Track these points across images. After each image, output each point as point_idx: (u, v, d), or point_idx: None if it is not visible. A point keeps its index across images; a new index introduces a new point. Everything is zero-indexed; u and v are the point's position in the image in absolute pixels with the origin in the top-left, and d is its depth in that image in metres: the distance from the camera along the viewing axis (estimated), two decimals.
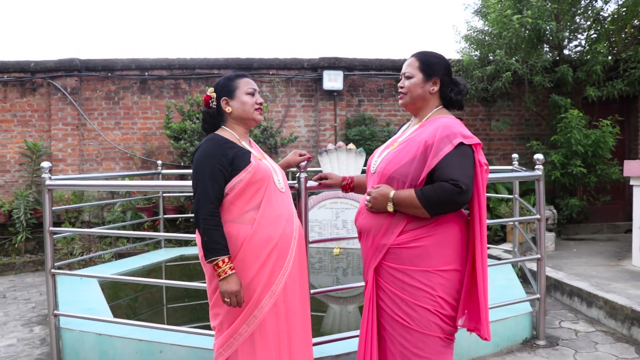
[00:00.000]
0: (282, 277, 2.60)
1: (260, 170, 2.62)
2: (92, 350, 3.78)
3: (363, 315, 2.68)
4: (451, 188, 2.38)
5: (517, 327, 4.11)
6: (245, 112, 2.71)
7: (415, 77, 2.63)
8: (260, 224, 2.56)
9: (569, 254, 6.99)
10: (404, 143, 2.60)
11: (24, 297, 6.26)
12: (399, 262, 2.51)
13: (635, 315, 4.09)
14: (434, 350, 2.55)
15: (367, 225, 2.63)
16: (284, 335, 2.60)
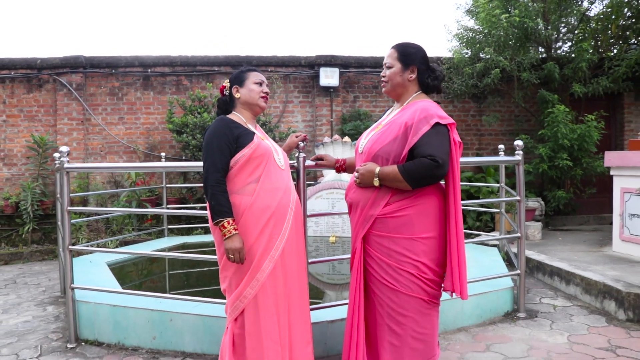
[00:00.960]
0: (279, 243, 2.92)
1: (261, 148, 2.95)
2: (106, 320, 4.09)
3: (351, 280, 2.99)
4: (429, 163, 2.70)
5: (499, 301, 4.44)
6: (251, 98, 3.08)
7: (395, 66, 2.95)
8: (259, 195, 2.89)
9: (555, 242, 7.31)
10: (387, 125, 2.92)
11: (34, 283, 6.55)
12: (386, 231, 2.83)
13: (607, 289, 4.42)
14: (418, 310, 2.87)
15: (356, 199, 2.94)
16: (282, 297, 2.93)
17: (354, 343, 2.93)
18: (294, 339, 2.97)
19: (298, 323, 3.01)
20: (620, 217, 6.22)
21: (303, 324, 3.04)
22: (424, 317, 2.90)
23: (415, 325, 2.88)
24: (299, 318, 3.01)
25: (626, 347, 3.69)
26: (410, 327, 2.88)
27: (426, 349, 2.94)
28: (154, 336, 3.91)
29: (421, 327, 2.89)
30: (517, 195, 4.47)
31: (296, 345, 2.97)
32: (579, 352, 3.61)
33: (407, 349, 2.90)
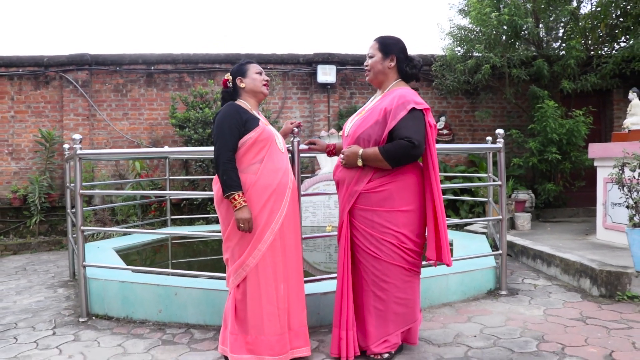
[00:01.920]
0: (279, 218, 3.24)
1: (265, 132, 3.30)
2: (115, 296, 4.39)
3: (339, 251, 3.31)
4: (406, 144, 3.04)
5: (482, 279, 4.74)
6: (255, 86, 3.43)
7: (376, 56, 3.30)
8: (262, 174, 3.23)
9: (543, 231, 7.60)
10: (369, 111, 3.27)
11: (43, 270, 6.84)
12: (369, 205, 3.16)
13: (583, 269, 4.73)
14: (399, 277, 3.20)
15: (342, 177, 3.29)
16: (281, 266, 3.25)
17: (345, 308, 3.24)
18: (292, 305, 3.29)
19: (295, 291, 3.32)
20: (603, 206, 6.51)
21: (299, 291, 3.35)
22: (405, 283, 3.22)
23: (398, 291, 3.20)
24: (295, 286, 3.32)
25: (596, 317, 3.99)
26: (393, 293, 3.20)
27: (408, 313, 3.26)
28: (160, 309, 4.22)
29: (403, 292, 3.21)
30: (499, 180, 4.77)
31: (293, 311, 3.29)
32: (552, 322, 3.91)
33: (391, 313, 3.22)
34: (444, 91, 9.55)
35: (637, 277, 4.35)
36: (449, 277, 4.52)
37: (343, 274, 3.25)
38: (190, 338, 3.86)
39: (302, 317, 3.34)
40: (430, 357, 3.33)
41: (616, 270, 4.46)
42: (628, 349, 3.35)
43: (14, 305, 5.00)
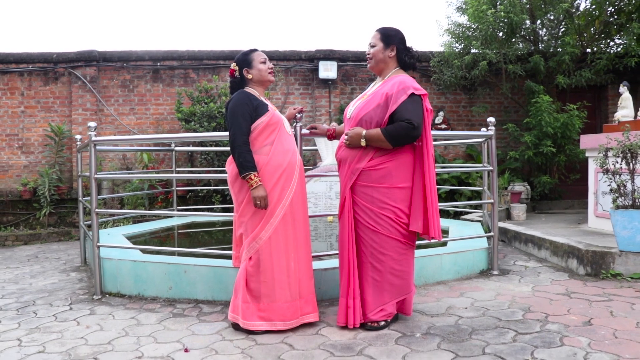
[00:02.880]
0: (289, 194, 3.54)
1: (275, 117, 3.60)
2: (128, 274, 4.65)
3: (342, 225, 3.56)
4: (407, 125, 3.31)
5: (475, 260, 4.99)
6: (262, 76, 3.70)
7: (377, 45, 3.56)
8: (273, 154, 3.52)
9: (538, 221, 7.85)
10: (371, 95, 3.53)
11: (54, 257, 7.11)
12: (369, 181, 3.43)
13: (571, 250, 4.97)
14: (396, 250, 3.46)
15: (345, 156, 3.55)
16: (292, 238, 3.55)
17: (352, 278, 3.47)
18: (301, 274, 3.59)
19: (303, 261, 3.61)
20: (595, 195, 6.75)
21: (307, 261, 3.65)
22: (400, 256, 3.48)
23: (394, 263, 3.46)
24: (304, 256, 3.62)
25: (580, 292, 4.24)
26: (389, 265, 3.46)
27: (403, 285, 3.52)
28: (170, 286, 4.48)
29: (399, 264, 3.47)
30: (490, 166, 5.02)
31: (303, 279, 3.59)
32: (539, 297, 4.16)
33: (387, 284, 3.48)
34: (442, 86, 9.80)
35: (620, 256, 4.59)
36: (443, 257, 4.78)
37: (349, 246, 3.50)
38: (199, 311, 4.12)
39: (310, 285, 3.63)
40: (424, 325, 3.58)
41: (601, 250, 4.71)
42: (606, 316, 3.61)
43: (30, 287, 5.26)
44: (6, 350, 3.41)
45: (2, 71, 9.71)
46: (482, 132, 5.22)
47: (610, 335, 3.23)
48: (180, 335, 3.59)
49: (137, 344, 3.44)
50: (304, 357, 3.10)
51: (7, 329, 3.87)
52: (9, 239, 8.56)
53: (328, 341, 3.35)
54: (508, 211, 8.23)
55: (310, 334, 3.50)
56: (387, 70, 3.59)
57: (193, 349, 3.31)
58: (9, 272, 6.07)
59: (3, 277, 5.78)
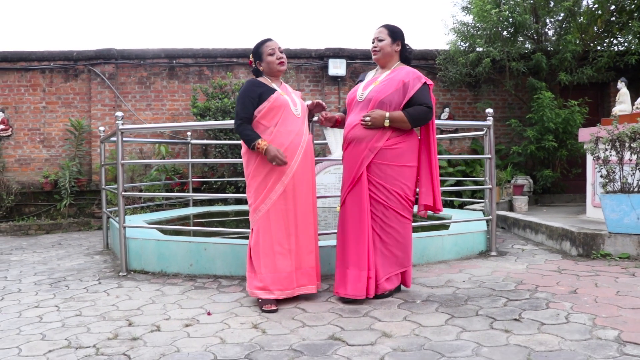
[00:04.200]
0: (289, 172, 3.78)
1: (278, 101, 3.84)
2: (151, 253, 5.02)
3: (355, 200, 3.79)
4: (425, 109, 3.80)
5: (474, 241, 5.34)
6: (270, 69, 3.99)
7: (386, 40, 3.92)
8: (276, 135, 3.80)
9: (539, 212, 8.16)
10: (386, 81, 3.86)
11: (77, 244, 7.49)
12: (385, 160, 3.78)
13: (565, 233, 5.31)
14: (399, 224, 3.83)
15: (362, 135, 3.79)
16: (292, 214, 3.81)
17: (371, 251, 3.75)
18: (301, 247, 3.84)
19: (305, 235, 3.86)
20: (592, 186, 7.05)
21: (309, 236, 3.88)
22: (403, 229, 3.85)
23: (398, 235, 3.82)
24: (305, 231, 3.86)
25: (570, 269, 4.57)
26: (394, 237, 3.82)
27: (405, 257, 3.89)
28: (191, 263, 4.85)
29: (402, 237, 3.84)
30: (489, 154, 5.36)
31: (303, 253, 3.85)
32: (532, 273, 4.50)
33: (392, 256, 3.84)
34: (447, 83, 10.13)
35: (609, 238, 4.92)
36: (444, 238, 5.12)
37: (366, 220, 3.77)
38: (218, 285, 4.48)
39: (310, 259, 3.88)
40: (424, 294, 3.93)
41: (592, 232, 5.05)
42: (590, 287, 3.95)
43: (58, 267, 5.65)
44: (47, 314, 3.79)
45: (25, 68, 10.13)
46: (481, 122, 5.55)
47: (592, 301, 3.57)
48: (203, 303, 3.96)
49: (164, 310, 3.80)
50: (315, 318, 3.46)
51: (45, 299, 4.25)
52: (32, 228, 8.96)
53: (337, 306, 3.71)
54: (510, 203, 8.55)
55: (321, 301, 3.87)
56: (391, 62, 3.96)
57: (215, 312, 3.68)
58: (37, 256, 6.46)
59: (32, 260, 6.17)
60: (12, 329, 3.47)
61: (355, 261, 3.75)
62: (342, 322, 3.36)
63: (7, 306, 4.07)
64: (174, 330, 3.31)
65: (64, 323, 3.56)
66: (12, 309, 3.97)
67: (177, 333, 3.26)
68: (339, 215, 3.94)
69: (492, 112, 5.42)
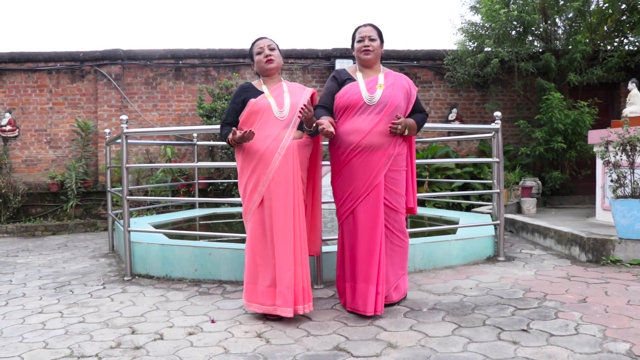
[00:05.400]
0: (265, 181, 3.56)
1: (257, 104, 3.66)
2: (156, 257, 4.99)
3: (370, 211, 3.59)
4: (426, 116, 3.90)
5: (482, 246, 5.27)
6: (259, 68, 3.86)
7: (377, 40, 3.86)
8: (253, 140, 3.58)
9: (547, 215, 8.07)
10: (391, 85, 3.73)
11: (83, 246, 7.49)
12: (396, 166, 3.74)
13: (574, 238, 5.23)
14: (404, 224, 3.79)
15: (378, 142, 3.60)
16: (268, 227, 3.58)
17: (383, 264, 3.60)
18: (278, 264, 3.52)
19: (281, 251, 3.52)
20: (602, 189, 6.97)
21: (285, 253, 3.51)
22: (402, 227, 3.81)
23: (404, 236, 3.81)
24: (282, 247, 3.52)
25: (580, 276, 4.50)
26: (403, 241, 3.80)
27: (404, 260, 3.85)
28: (196, 268, 4.81)
29: (406, 237, 3.82)
30: (497, 157, 5.29)
31: (279, 270, 3.51)
32: (540, 280, 4.43)
33: (400, 259, 3.79)
34: (455, 84, 10.05)
35: (620, 244, 4.84)
36: (452, 243, 5.07)
37: (380, 231, 3.60)
38: (223, 290, 4.45)
39: (287, 278, 3.49)
40: (430, 302, 3.88)
41: (602, 237, 4.97)
42: (600, 295, 3.88)
43: (64, 270, 5.64)
44: (50, 321, 3.77)
45: (31, 69, 10.13)
46: (489, 125, 5.48)
47: (602, 311, 3.50)
48: (207, 309, 3.92)
49: (168, 317, 3.77)
50: (320, 327, 3.42)
51: (49, 304, 4.23)
52: (39, 229, 8.97)
53: (342, 314, 3.67)
54: (519, 205, 8.46)
55: (326, 307, 3.83)
56: (377, 64, 3.89)
57: (219, 320, 3.64)
58: (42, 258, 6.46)
59: (38, 262, 6.16)
60: (15, 336, 3.45)
61: (366, 275, 3.56)
62: (347, 331, 3.31)
63: (11, 311, 4.05)
64: (177, 339, 3.28)
65: (67, 330, 3.53)
66: (16, 315, 3.95)
67: (180, 342, 3.22)
68: (343, 225, 3.74)
69: (500, 115, 5.35)
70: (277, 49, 3.89)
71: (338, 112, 3.75)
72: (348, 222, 3.71)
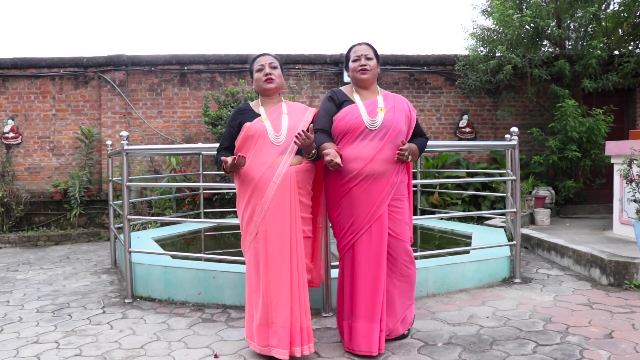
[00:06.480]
0: (261, 212, 3.31)
1: (253, 129, 3.40)
2: (158, 279, 4.80)
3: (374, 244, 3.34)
4: (426, 140, 3.69)
5: (497, 268, 5.05)
6: (257, 86, 3.61)
7: (374, 59, 3.61)
8: (247, 168, 3.36)
9: (562, 227, 7.85)
10: (393, 108, 3.48)
11: (85, 258, 7.32)
12: (399, 193, 3.50)
13: (594, 259, 5.00)
14: (410, 252, 3.54)
15: (381, 169, 3.34)
16: (262, 262, 3.32)
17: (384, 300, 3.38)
18: (272, 301, 3.26)
19: (275, 287, 3.27)
20: (620, 202, 6.74)
21: (280, 289, 3.26)
22: (408, 257, 3.55)
23: (412, 265, 3.56)
24: (276, 283, 3.27)
25: (602, 303, 4.28)
26: (410, 269, 3.55)
27: (412, 289, 3.61)
28: (199, 292, 4.62)
29: (414, 266, 3.57)
30: (513, 175, 5.07)
31: (274, 307, 3.25)
32: (561, 307, 4.21)
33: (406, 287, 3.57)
34: (466, 90, 9.81)
35: None
36: (466, 265, 4.85)
37: (383, 265, 3.37)
38: (227, 317, 4.25)
39: (282, 317, 3.24)
40: (445, 334, 3.66)
41: (624, 260, 4.74)
42: (627, 329, 3.65)
43: (63, 289, 5.46)
44: (45, 352, 3.59)
45: (34, 75, 9.98)
46: (506, 142, 5.26)
47: (632, 349, 3.28)
48: (210, 340, 3.72)
49: (169, 349, 3.58)
50: None
51: (45, 331, 4.04)
52: (41, 239, 8.81)
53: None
54: (532, 216, 8.24)
55: (335, 341, 3.61)
56: (374, 84, 3.65)
57: (222, 354, 3.44)
58: (43, 273, 6.29)
59: (38, 279, 5.99)
60: None
61: (368, 313, 3.30)
62: None
63: (5, 340, 3.87)
64: None
65: None
66: (10, 345, 3.77)
67: None
68: (344, 259, 3.47)
69: (517, 131, 5.12)
70: (280, 67, 3.63)
71: (336, 136, 3.47)
72: (348, 257, 3.43)
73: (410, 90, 10.28)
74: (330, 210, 3.55)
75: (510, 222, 6.38)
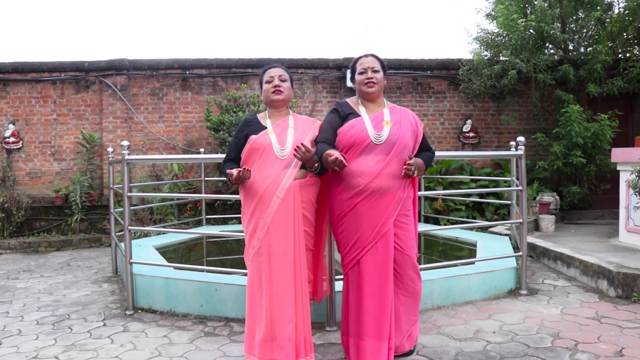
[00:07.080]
0: (264, 226, 3.29)
1: (258, 142, 3.38)
2: (159, 291, 4.74)
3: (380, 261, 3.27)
4: (433, 154, 3.61)
5: (503, 279, 4.98)
6: (265, 97, 3.58)
7: (380, 72, 3.51)
8: (252, 181, 3.34)
9: (567, 233, 7.78)
10: (398, 122, 3.41)
11: (86, 266, 7.26)
12: (405, 209, 3.43)
13: (601, 270, 4.93)
14: (416, 267, 3.48)
15: (386, 185, 3.27)
16: (265, 275, 3.28)
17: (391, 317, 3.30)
18: (275, 315, 3.22)
19: (279, 301, 3.23)
20: (626, 210, 6.67)
21: (285, 303, 3.23)
22: (413, 272, 3.48)
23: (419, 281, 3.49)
24: (280, 296, 3.24)
25: (611, 317, 4.21)
26: (417, 285, 3.48)
27: (417, 305, 3.55)
28: (201, 304, 4.56)
29: (419, 280, 3.50)
30: (520, 185, 5.00)
31: (278, 321, 3.22)
32: (568, 321, 4.14)
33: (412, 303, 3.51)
34: (470, 95, 9.74)
35: None
36: (471, 277, 4.78)
37: (390, 282, 3.29)
38: (230, 330, 4.19)
39: (287, 330, 3.22)
40: (452, 351, 3.60)
41: (632, 272, 4.67)
42: (637, 346, 3.58)
43: (64, 299, 5.40)
44: None
45: (35, 80, 9.92)
46: (512, 151, 5.20)
47: None
48: (212, 356, 3.67)
49: None
50: None
51: (45, 345, 3.99)
52: (42, 245, 8.75)
53: None
54: (536, 222, 8.17)
55: (339, 357, 3.55)
56: (381, 96, 3.57)
57: None
58: (43, 282, 6.22)
59: (38, 287, 5.93)
60: None
61: (375, 332, 3.23)
62: None
63: (4, 355, 3.81)
64: None
65: None
66: None
67: None
68: (349, 276, 3.40)
69: (523, 140, 5.05)
70: (290, 81, 3.61)
71: (341, 150, 3.34)
72: (353, 273, 3.36)
73: (413, 94, 10.22)
74: (334, 225, 3.48)
75: (515, 230, 6.32)
